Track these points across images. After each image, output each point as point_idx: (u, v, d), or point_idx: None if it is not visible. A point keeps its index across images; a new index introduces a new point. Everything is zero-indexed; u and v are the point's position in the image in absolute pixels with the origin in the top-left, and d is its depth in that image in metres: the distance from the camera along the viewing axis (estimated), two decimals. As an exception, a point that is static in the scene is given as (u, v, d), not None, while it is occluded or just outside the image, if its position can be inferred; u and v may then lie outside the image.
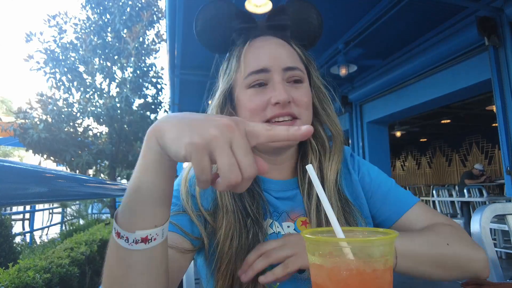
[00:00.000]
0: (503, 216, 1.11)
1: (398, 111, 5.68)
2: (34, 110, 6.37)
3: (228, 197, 0.67)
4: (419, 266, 0.63)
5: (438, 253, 0.64)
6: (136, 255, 0.45)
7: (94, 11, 7.22)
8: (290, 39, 0.75)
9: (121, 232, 0.44)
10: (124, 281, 0.46)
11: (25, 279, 1.91)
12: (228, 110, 0.74)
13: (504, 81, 3.60)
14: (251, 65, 0.69)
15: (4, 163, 0.47)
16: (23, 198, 0.52)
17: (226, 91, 0.74)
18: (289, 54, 0.72)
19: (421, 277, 0.64)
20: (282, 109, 0.67)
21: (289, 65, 0.69)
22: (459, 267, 0.65)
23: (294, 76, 0.70)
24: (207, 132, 0.36)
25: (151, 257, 0.46)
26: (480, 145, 11.11)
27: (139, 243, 0.44)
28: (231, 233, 0.64)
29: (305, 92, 0.71)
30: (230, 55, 0.75)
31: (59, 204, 8.08)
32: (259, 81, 0.69)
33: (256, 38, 0.73)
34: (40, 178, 0.59)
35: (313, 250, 0.43)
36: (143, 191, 0.43)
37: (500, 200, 5.12)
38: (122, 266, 0.46)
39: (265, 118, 0.68)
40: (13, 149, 22.20)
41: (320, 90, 0.77)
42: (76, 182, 0.82)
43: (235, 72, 0.72)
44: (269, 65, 0.68)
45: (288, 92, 0.67)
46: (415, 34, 4.58)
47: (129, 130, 7.04)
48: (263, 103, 0.68)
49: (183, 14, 4.05)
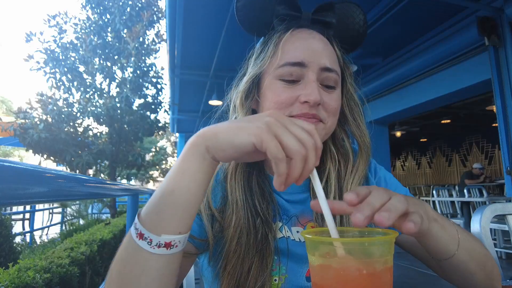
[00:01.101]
0: (503, 216, 1.11)
1: (398, 111, 5.68)
2: (34, 110, 6.38)
3: (238, 192, 0.65)
4: (471, 262, 0.58)
5: (482, 254, 0.60)
6: (154, 260, 0.44)
7: (94, 11, 7.23)
8: (333, 38, 0.70)
9: (145, 233, 0.43)
10: (135, 284, 0.44)
11: (25, 279, 1.91)
12: (254, 96, 0.69)
13: (504, 81, 3.60)
14: (289, 55, 0.64)
15: (4, 163, 0.47)
16: (23, 198, 0.52)
17: (256, 77, 0.68)
18: (330, 54, 0.67)
19: (463, 278, 0.60)
20: (310, 110, 0.62)
21: (328, 66, 0.64)
22: (491, 275, 0.61)
23: (329, 80, 0.65)
24: (264, 120, 0.42)
25: (168, 264, 0.45)
26: (480, 145, 11.10)
27: (161, 248, 0.43)
28: (239, 231, 0.62)
29: (336, 98, 0.67)
30: (268, 40, 0.69)
31: (59, 204, 8.08)
32: (292, 75, 0.64)
33: (300, 28, 0.68)
34: (40, 178, 0.59)
35: (313, 250, 0.43)
36: (176, 194, 0.43)
37: (500, 200, 5.12)
38: (137, 269, 0.44)
39: (289, 114, 0.64)
40: (13, 149, 22.21)
41: (352, 98, 0.73)
42: (76, 182, 0.82)
43: (270, 58, 0.67)
44: (307, 60, 0.63)
45: (320, 92, 0.63)
46: (415, 34, 4.58)
47: (129, 130, 7.04)
48: (292, 99, 0.63)
49: (183, 14, 4.05)
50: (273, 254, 0.63)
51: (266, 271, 0.61)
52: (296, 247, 0.66)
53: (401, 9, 3.82)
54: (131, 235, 0.45)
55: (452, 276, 0.61)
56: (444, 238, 0.54)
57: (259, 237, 0.62)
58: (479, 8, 3.67)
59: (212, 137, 0.44)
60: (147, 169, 10.47)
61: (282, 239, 0.66)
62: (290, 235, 0.67)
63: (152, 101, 7.40)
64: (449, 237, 0.55)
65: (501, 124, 3.58)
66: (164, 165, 19.26)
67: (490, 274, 0.61)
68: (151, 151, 16.44)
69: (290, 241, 0.66)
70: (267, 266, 0.61)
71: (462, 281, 0.61)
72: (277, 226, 0.67)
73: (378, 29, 4.24)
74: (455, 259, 0.56)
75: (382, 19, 4.05)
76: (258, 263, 0.61)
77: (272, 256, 0.62)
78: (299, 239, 0.67)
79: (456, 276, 0.60)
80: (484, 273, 0.60)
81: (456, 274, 0.59)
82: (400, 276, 3.61)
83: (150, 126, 7.29)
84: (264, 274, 0.61)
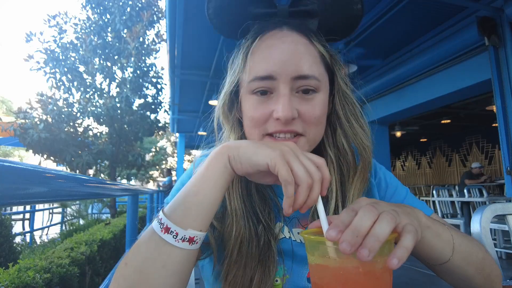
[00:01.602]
0: (503, 216, 1.11)
1: (398, 111, 5.68)
2: (34, 110, 6.38)
3: (238, 201, 0.63)
4: (467, 266, 0.57)
5: (480, 257, 0.59)
6: (176, 254, 0.47)
7: (94, 11, 7.23)
8: (312, 33, 0.62)
9: (172, 227, 0.46)
10: (155, 278, 0.46)
11: (25, 279, 1.91)
12: (235, 110, 0.67)
13: (504, 81, 3.60)
14: (257, 69, 0.60)
15: (4, 163, 0.47)
16: (23, 198, 0.52)
17: (231, 92, 0.66)
18: (305, 58, 0.59)
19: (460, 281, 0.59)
20: (284, 126, 0.59)
21: (301, 74, 0.58)
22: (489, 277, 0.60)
23: (307, 85, 0.59)
24: (280, 148, 0.48)
25: (188, 260, 0.48)
26: (480, 145, 11.10)
27: (185, 242, 0.47)
28: (240, 240, 0.60)
29: (316, 105, 0.60)
30: (238, 50, 0.65)
31: (59, 204, 8.08)
32: (263, 88, 0.60)
33: (269, 31, 0.62)
34: (40, 178, 0.59)
35: (313, 250, 0.43)
36: (201, 196, 0.48)
37: (500, 200, 5.12)
38: (158, 263, 0.46)
39: (265, 132, 0.61)
40: (13, 149, 22.22)
41: (345, 96, 0.66)
42: (76, 182, 0.82)
43: (240, 72, 0.63)
44: (276, 73, 0.58)
45: (293, 107, 0.58)
46: (415, 34, 4.58)
47: (129, 130, 7.04)
48: (265, 115, 0.60)
49: (183, 14, 4.05)
50: (276, 262, 0.61)
51: (269, 280, 0.59)
52: (298, 248, 0.65)
53: (401, 9, 3.82)
54: (154, 231, 0.47)
55: (449, 279, 0.61)
56: (438, 244, 0.54)
57: (261, 245, 0.61)
58: (479, 8, 3.67)
59: (234, 149, 0.49)
60: (147, 169, 10.49)
61: (284, 239, 0.65)
62: (292, 236, 0.66)
63: (152, 101, 7.40)
64: (443, 243, 0.54)
65: (501, 124, 3.58)
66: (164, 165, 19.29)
67: (489, 277, 0.60)
68: (151, 151, 16.48)
69: (292, 242, 0.65)
70: (270, 274, 0.59)
71: (460, 283, 0.60)
72: (279, 227, 0.66)
73: (378, 29, 4.24)
74: (450, 264, 0.55)
75: (382, 19, 4.05)
76: (261, 272, 0.59)
77: (275, 264, 0.61)
78: (300, 240, 0.66)
79: (452, 279, 0.60)
80: (482, 276, 0.59)
81: (452, 277, 0.59)
82: (400, 276, 3.61)
83: (150, 126, 7.29)
84: (267, 283, 0.59)
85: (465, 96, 5.05)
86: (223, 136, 0.70)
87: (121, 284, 0.47)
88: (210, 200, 0.49)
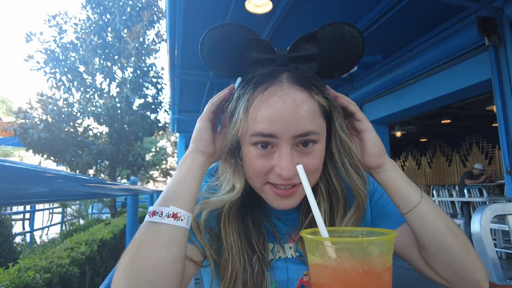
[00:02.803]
0: (503, 216, 1.11)
1: (398, 111, 5.68)
2: (34, 110, 6.37)
3: (233, 238, 0.67)
4: (438, 218, 0.61)
5: (449, 220, 0.63)
6: (165, 229, 0.54)
7: (94, 11, 7.22)
8: (313, 85, 0.62)
9: (156, 209, 0.55)
10: (148, 255, 0.52)
11: (25, 279, 1.91)
12: (237, 160, 0.68)
13: (504, 81, 3.60)
14: (259, 127, 0.60)
15: (4, 163, 0.47)
16: (23, 198, 0.52)
17: (233, 143, 0.65)
18: (305, 117, 0.59)
19: (432, 235, 0.60)
20: (285, 181, 0.61)
21: (301, 132, 0.59)
22: (466, 250, 0.61)
23: (306, 139, 0.61)
24: None
25: (176, 235, 0.54)
26: (480, 145, 11.10)
27: (170, 218, 0.54)
28: (235, 273, 0.65)
29: (315, 156, 0.62)
30: (239, 98, 0.63)
31: (59, 204, 8.08)
32: (265, 142, 0.61)
33: (270, 87, 0.60)
34: (40, 178, 0.59)
35: (313, 250, 0.43)
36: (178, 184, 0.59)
37: (500, 200, 5.12)
38: (150, 240, 0.53)
39: (266, 181, 0.64)
40: (13, 149, 22.21)
41: (341, 140, 0.66)
42: (76, 182, 0.82)
43: (242, 122, 0.62)
44: (278, 132, 0.59)
45: (294, 163, 0.60)
46: (415, 34, 4.58)
47: (129, 130, 7.04)
48: (267, 168, 0.62)
49: (183, 14, 4.05)
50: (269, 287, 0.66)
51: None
52: (288, 263, 0.70)
53: (401, 9, 3.82)
54: (145, 221, 0.55)
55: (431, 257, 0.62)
56: (406, 185, 0.63)
57: (255, 274, 0.65)
58: (479, 8, 3.67)
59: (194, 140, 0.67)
60: (147, 169, 10.48)
61: (273, 260, 0.70)
62: (282, 254, 0.71)
63: (152, 101, 7.40)
64: (411, 186, 0.63)
65: (501, 124, 3.58)
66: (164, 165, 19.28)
67: (464, 247, 0.60)
68: (151, 151, 16.48)
69: (281, 260, 0.70)
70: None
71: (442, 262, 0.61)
72: (268, 248, 0.70)
73: (378, 29, 4.24)
74: (420, 209, 0.61)
75: (382, 19, 4.05)
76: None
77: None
78: (291, 255, 0.71)
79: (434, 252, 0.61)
80: (457, 242, 0.60)
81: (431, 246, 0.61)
82: (400, 276, 3.61)
83: (150, 126, 7.29)
84: None
85: (465, 96, 5.05)
86: (227, 179, 0.70)
87: (121, 271, 0.51)
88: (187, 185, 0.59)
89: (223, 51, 0.62)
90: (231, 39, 0.60)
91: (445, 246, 0.60)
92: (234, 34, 0.60)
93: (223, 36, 0.60)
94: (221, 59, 0.64)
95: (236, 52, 0.62)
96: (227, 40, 0.61)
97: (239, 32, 0.60)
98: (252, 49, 0.61)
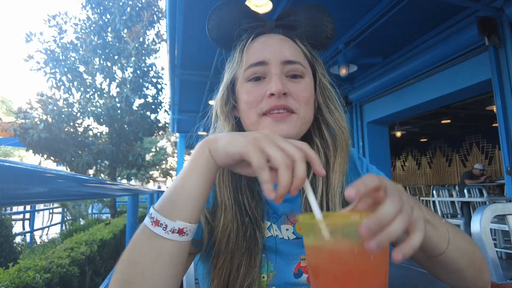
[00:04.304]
0: (503, 216, 1.11)
1: (398, 111, 5.68)
2: (34, 110, 6.38)
3: (227, 193, 0.67)
4: (461, 259, 0.60)
5: (471, 250, 0.62)
6: (168, 246, 0.48)
7: (94, 11, 7.22)
8: (296, 37, 0.74)
9: (161, 219, 0.48)
10: (148, 270, 0.48)
11: (25, 279, 1.91)
12: (230, 103, 0.74)
13: (504, 81, 3.59)
14: (251, 58, 0.70)
15: (4, 163, 0.47)
16: (23, 198, 0.52)
17: (228, 84, 0.74)
18: (291, 49, 0.71)
19: (452, 274, 0.62)
20: (277, 101, 0.66)
21: (289, 59, 0.69)
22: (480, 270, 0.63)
23: (294, 71, 0.69)
24: (253, 135, 0.48)
25: (180, 251, 0.50)
26: (480, 145, 11.10)
27: (175, 233, 0.48)
28: (228, 231, 0.64)
29: (304, 87, 0.69)
30: (235, 49, 0.76)
31: (59, 204, 8.08)
32: (257, 74, 0.69)
33: (262, 34, 0.74)
34: (40, 178, 0.59)
35: (308, 232, 0.44)
36: (187, 188, 0.50)
37: (500, 200, 5.12)
38: (151, 255, 0.48)
39: (261, 111, 0.67)
40: (13, 149, 22.22)
41: (325, 88, 0.75)
42: (76, 182, 0.82)
43: (237, 65, 0.73)
44: (268, 57, 0.68)
45: (284, 84, 0.67)
46: (415, 34, 4.58)
47: (129, 130, 7.04)
48: (260, 96, 0.68)
49: (183, 14, 4.05)
50: (261, 252, 0.65)
51: (255, 269, 0.63)
52: (285, 245, 0.68)
53: (401, 9, 3.82)
54: (145, 225, 0.50)
55: (441, 272, 0.63)
56: (435, 237, 0.56)
57: (247, 236, 0.64)
58: (479, 8, 3.67)
59: (213, 142, 0.51)
60: (147, 169, 10.47)
61: (270, 238, 0.68)
62: (279, 233, 0.69)
63: (152, 101, 7.40)
64: (440, 236, 0.57)
65: (501, 124, 3.58)
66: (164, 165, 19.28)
67: (480, 270, 0.63)
68: (151, 151, 16.47)
69: (278, 240, 0.68)
70: (256, 264, 0.63)
71: (451, 277, 0.63)
72: (265, 226, 0.69)
73: (378, 29, 4.24)
74: (445, 256, 0.58)
75: (382, 19, 4.04)
76: (247, 261, 0.63)
77: (260, 254, 0.64)
78: (288, 237, 0.69)
79: (445, 272, 0.62)
80: (473, 268, 0.62)
81: (445, 270, 0.62)
82: (400, 276, 3.61)
83: (150, 126, 7.29)
84: (253, 272, 0.62)
85: (465, 96, 5.05)
86: (217, 126, 0.76)
87: (118, 278, 0.49)
88: (196, 192, 0.50)
89: (225, 24, 0.75)
90: (232, 14, 0.75)
91: (458, 276, 0.62)
92: (233, 9, 0.75)
93: (224, 12, 0.75)
94: (224, 30, 0.76)
95: (235, 24, 0.75)
96: (228, 14, 0.75)
97: (237, 7, 0.75)
98: (248, 20, 0.75)
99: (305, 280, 0.66)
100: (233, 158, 0.48)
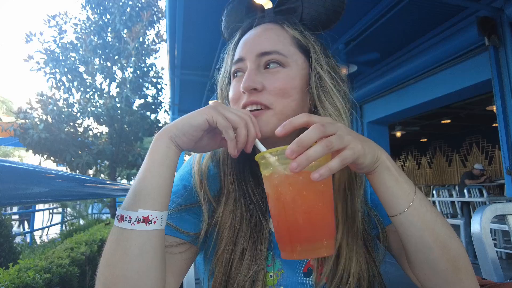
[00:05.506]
0: (504, 216, 1.11)
1: (398, 111, 5.67)
2: (34, 110, 6.38)
3: (231, 179, 0.66)
4: (425, 232, 0.53)
5: (445, 233, 0.54)
6: (135, 236, 0.48)
7: (94, 11, 7.23)
8: (286, 21, 0.69)
9: (124, 213, 0.49)
10: (119, 265, 0.48)
11: (25, 279, 1.91)
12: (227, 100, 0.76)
13: (504, 81, 3.59)
14: (235, 55, 0.70)
15: (4, 163, 0.47)
16: (23, 198, 0.52)
17: (224, 82, 0.76)
18: (271, 38, 0.66)
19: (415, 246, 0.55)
20: (248, 98, 0.63)
21: (264, 50, 0.65)
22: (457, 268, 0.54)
23: (269, 60, 0.65)
24: (206, 107, 0.55)
25: (149, 241, 0.49)
26: (480, 145, 11.10)
27: (140, 223, 0.49)
28: (231, 217, 0.62)
29: (280, 78, 0.64)
30: (226, 48, 0.77)
31: (59, 204, 8.08)
32: (237, 70, 0.69)
33: (250, 29, 0.72)
34: (40, 178, 0.59)
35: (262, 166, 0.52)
36: (148, 178, 0.51)
37: (500, 200, 5.11)
38: (120, 250, 0.48)
39: (239, 107, 0.66)
40: (13, 149, 22.21)
41: (320, 77, 0.66)
42: (76, 182, 0.82)
43: (227, 65, 0.75)
44: (245, 53, 0.67)
45: (256, 79, 0.63)
46: (415, 34, 4.57)
47: (129, 130, 7.04)
48: (239, 93, 0.66)
49: (183, 14, 4.05)
50: (267, 241, 0.61)
51: (261, 257, 0.59)
52: None
53: (401, 9, 3.82)
54: (114, 226, 0.51)
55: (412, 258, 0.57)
56: (394, 189, 0.53)
57: (253, 222, 0.62)
58: (479, 8, 3.67)
59: (172, 128, 0.53)
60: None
61: None
62: None
63: (152, 101, 7.41)
64: (400, 191, 0.53)
65: (501, 124, 3.58)
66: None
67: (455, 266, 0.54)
68: (151, 151, 16.44)
69: None
70: (262, 252, 0.60)
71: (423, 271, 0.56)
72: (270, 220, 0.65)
73: (378, 29, 4.23)
74: (405, 218, 0.53)
75: (382, 19, 4.04)
76: (252, 248, 0.60)
77: (266, 243, 0.61)
78: None
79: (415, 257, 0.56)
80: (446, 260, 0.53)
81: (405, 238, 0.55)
82: (400, 276, 3.60)
83: (150, 126, 7.29)
84: (258, 261, 0.59)
85: (465, 96, 5.05)
86: None
87: (100, 279, 0.50)
88: (159, 181, 0.51)
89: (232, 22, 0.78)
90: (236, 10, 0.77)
91: (427, 261, 0.54)
92: (239, 5, 0.76)
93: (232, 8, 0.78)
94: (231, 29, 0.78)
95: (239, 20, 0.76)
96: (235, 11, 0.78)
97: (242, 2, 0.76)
98: (251, 13, 0.75)
99: (314, 279, 0.64)
100: (200, 127, 0.52)
